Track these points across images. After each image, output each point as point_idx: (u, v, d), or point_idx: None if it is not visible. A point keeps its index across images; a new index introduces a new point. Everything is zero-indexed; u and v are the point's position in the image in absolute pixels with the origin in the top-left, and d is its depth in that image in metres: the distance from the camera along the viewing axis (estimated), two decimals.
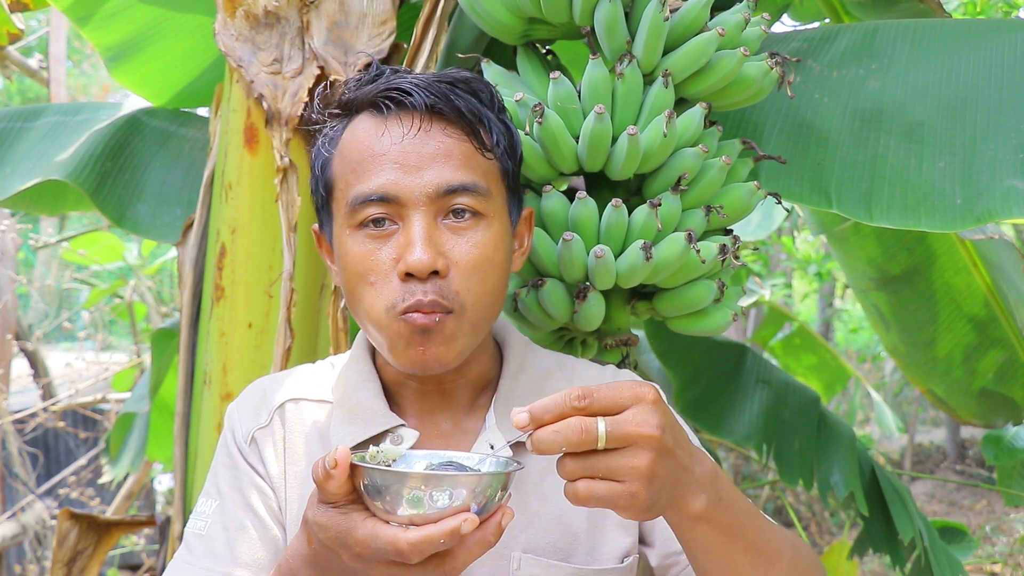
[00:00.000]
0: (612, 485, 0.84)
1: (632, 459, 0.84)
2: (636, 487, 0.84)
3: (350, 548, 0.88)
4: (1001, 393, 2.52)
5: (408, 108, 1.06)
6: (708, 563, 0.96)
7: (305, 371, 1.25)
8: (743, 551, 0.96)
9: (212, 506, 1.14)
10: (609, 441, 0.84)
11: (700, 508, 0.90)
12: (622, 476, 0.84)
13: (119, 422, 3.34)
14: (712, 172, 1.42)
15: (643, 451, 0.84)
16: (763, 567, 0.97)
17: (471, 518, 0.84)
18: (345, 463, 0.86)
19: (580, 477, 0.85)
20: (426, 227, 1.04)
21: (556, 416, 0.84)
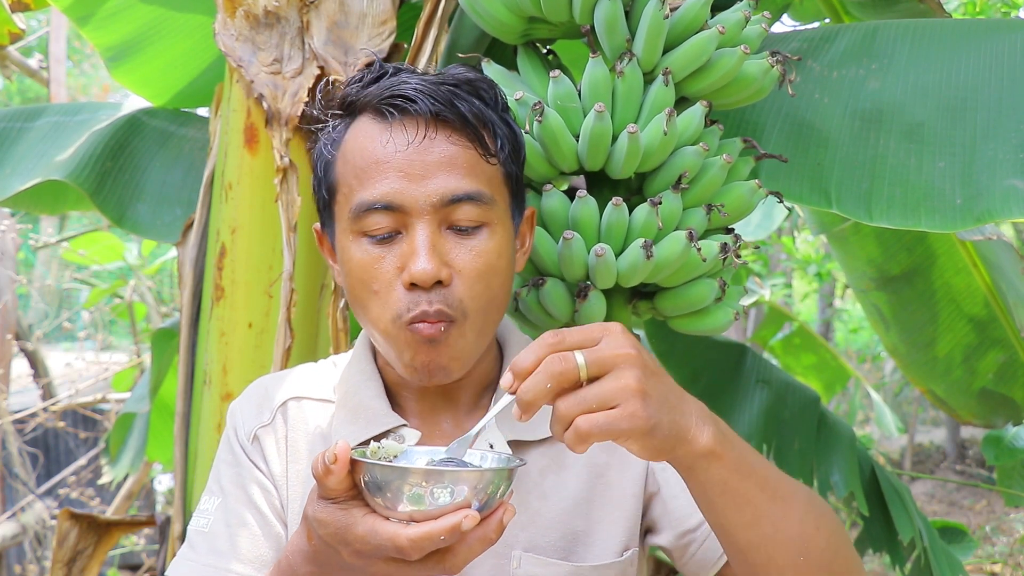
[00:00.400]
0: (609, 412, 0.84)
1: (619, 379, 0.84)
2: (632, 406, 0.84)
3: (350, 544, 0.88)
4: (1001, 393, 2.52)
5: (412, 115, 1.05)
6: (727, 505, 0.94)
7: (307, 370, 1.25)
8: (759, 488, 0.94)
9: (215, 503, 1.14)
10: (590, 369, 0.84)
11: (708, 441, 0.89)
12: (615, 398, 0.84)
13: (119, 422, 3.34)
14: (713, 170, 1.42)
15: (626, 369, 0.84)
16: (780, 506, 0.96)
17: (472, 515, 0.83)
18: (345, 458, 0.86)
19: (576, 415, 0.84)
20: (430, 236, 1.04)
21: (535, 364, 0.84)
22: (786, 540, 0.95)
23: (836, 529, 1.01)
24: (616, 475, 1.15)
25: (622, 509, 1.14)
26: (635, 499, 1.14)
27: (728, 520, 0.95)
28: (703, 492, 0.94)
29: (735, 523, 0.95)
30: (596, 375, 0.85)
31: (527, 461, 1.12)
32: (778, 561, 0.96)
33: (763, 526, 0.95)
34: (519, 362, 0.85)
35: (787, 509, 0.96)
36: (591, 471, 1.14)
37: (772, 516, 0.95)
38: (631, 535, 1.14)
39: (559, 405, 0.84)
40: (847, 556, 1.01)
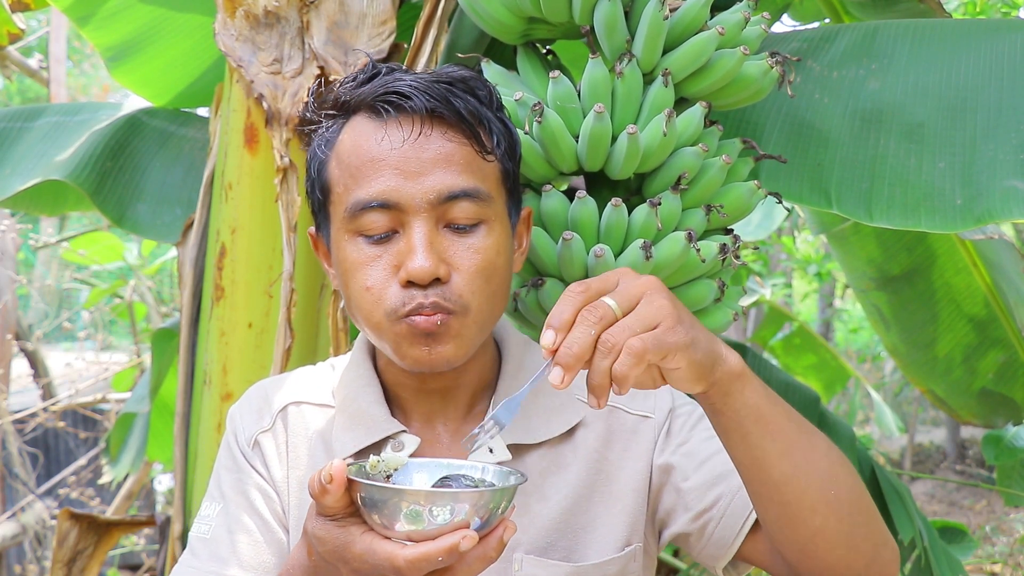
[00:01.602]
0: (655, 331, 0.85)
1: (651, 303, 0.87)
2: (670, 321, 0.86)
3: (348, 563, 0.87)
4: (1001, 393, 2.52)
5: (407, 112, 1.04)
6: (761, 434, 0.94)
7: (306, 373, 1.24)
8: (787, 417, 0.96)
9: (216, 509, 1.14)
10: (622, 305, 0.86)
11: (738, 361, 0.92)
12: (655, 319, 0.86)
13: (119, 422, 3.34)
14: (712, 171, 1.42)
15: (654, 295, 0.88)
16: (807, 437, 0.97)
17: (470, 535, 0.82)
18: (341, 477, 0.86)
19: (624, 341, 0.84)
20: (427, 234, 1.03)
21: (574, 314, 0.86)
22: (816, 472, 0.96)
23: (855, 471, 1.01)
24: (615, 470, 1.14)
25: (622, 503, 1.13)
26: (636, 493, 1.13)
27: (763, 451, 0.95)
28: (739, 422, 0.94)
29: (770, 453, 0.95)
30: (629, 311, 0.86)
31: (528, 465, 1.12)
32: (811, 494, 0.96)
33: (795, 456, 0.95)
34: (557, 316, 0.86)
35: (812, 442, 0.97)
36: (590, 467, 1.14)
37: (801, 446, 0.96)
38: (633, 530, 1.13)
39: (605, 337, 0.85)
40: (868, 499, 1.01)
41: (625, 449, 1.15)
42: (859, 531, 0.98)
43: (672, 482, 1.13)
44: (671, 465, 1.13)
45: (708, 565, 1.13)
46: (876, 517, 1.01)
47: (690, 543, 1.13)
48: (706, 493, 1.10)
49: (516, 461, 1.11)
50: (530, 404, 1.13)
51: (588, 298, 0.87)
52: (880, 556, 1.01)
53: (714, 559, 1.11)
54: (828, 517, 0.96)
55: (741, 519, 1.08)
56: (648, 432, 1.16)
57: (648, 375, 0.89)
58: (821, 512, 0.96)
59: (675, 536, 1.14)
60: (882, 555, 1.01)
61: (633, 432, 1.16)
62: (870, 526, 1.00)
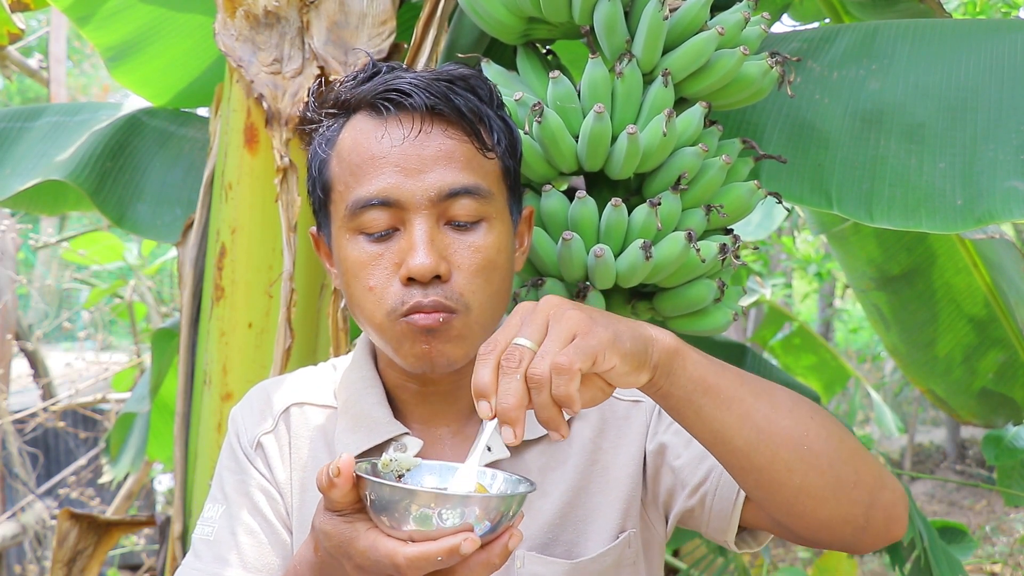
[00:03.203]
0: (575, 344, 0.83)
1: (560, 319, 0.85)
2: (585, 326, 0.84)
3: (351, 558, 0.87)
4: (1001, 393, 2.52)
5: (408, 109, 1.04)
6: (713, 405, 0.92)
7: (308, 374, 1.24)
8: (738, 382, 0.93)
9: (219, 511, 1.13)
10: (533, 337, 0.84)
11: (670, 339, 0.90)
12: (570, 332, 0.84)
13: (119, 422, 3.33)
14: (712, 171, 1.42)
15: (560, 310, 0.85)
16: (766, 399, 0.94)
17: (472, 538, 0.82)
18: (348, 472, 0.85)
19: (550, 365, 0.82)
20: (428, 231, 1.03)
21: (493, 373, 0.83)
22: (782, 431, 0.93)
23: (831, 419, 0.98)
24: (610, 457, 1.14)
25: (617, 490, 1.13)
26: (631, 479, 1.13)
27: (720, 422, 0.92)
28: (688, 398, 0.92)
29: (727, 424, 0.92)
30: (542, 338, 0.84)
31: (528, 461, 1.12)
32: (782, 456, 0.93)
33: (755, 419, 0.93)
34: (479, 382, 0.83)
35: (773, 401, 0.94)
36: (586, 458, 1.14)
37: (760, 408, 0.93)
38: (627, 516, 1.13)
39: (531, 372, 0.82)
40: (852, 444, 0.97)
41: (619, 436, 1.15)
42: (846, 480, 0.95)
43: (667, 462, 1.13)
44: (664, 445, 1.13)
45: (720, 541, 1.11)
46: (864, 460, 0.97)
47: (696, 520, 1.12)
48: (698, 467, 1.10)
49: (515, 458, 1.11)
50: None
51: (499, 351, 0.84)
52: (879, 499, 0.97)
53: (722, 532, 1.10)
54: (807, 474, 0.94)
55: (734, 489, 1.07)
56: (640, 416, 1.16)
57: (591, 387, 0.87)
58: (798, 470, 0.94)
59: (680, 516, 1.13)
60: (881, 497, 0.97)
61: (625, 418, 1.16)
62: (859, 472, 0.96)
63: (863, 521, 0.98)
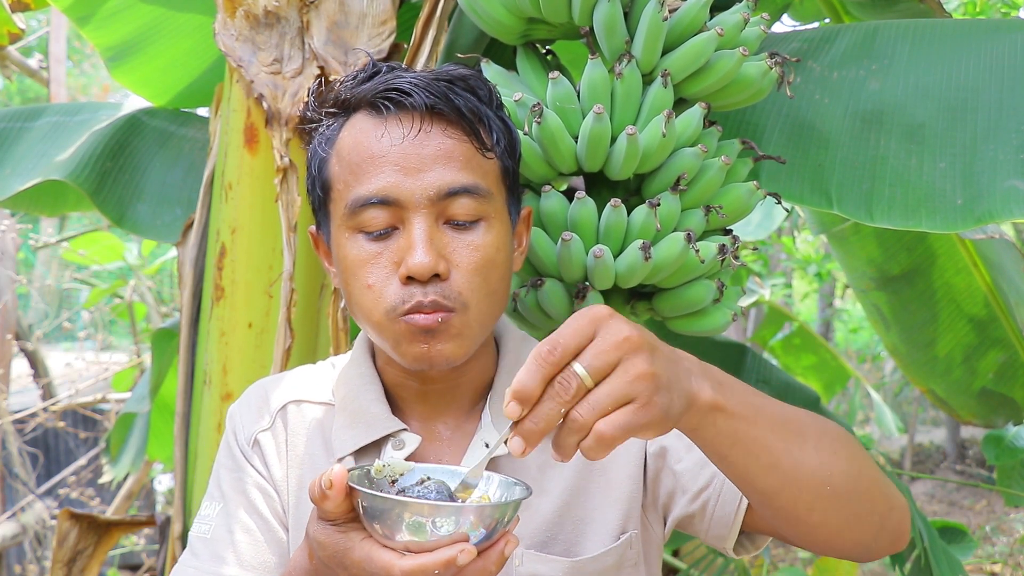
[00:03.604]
0: (627, 408, 0.79)
1: (628, 372, 0.79)
2: (647, 395, 0.79)
3: (347, 568, 0.86)
4: (1001, 393, 2.52)
5: (407, 109, 1.05)
6: (740, 455, 0.90)
7: (306, 372, 1.24)
8: (768, 430, 0.91)
9: (216, 509, 1.14)
10: (594, 372, 0.79)
11: (709, 395, 0.86)
12: (629, 393, 0.79)
13: (119, 422, 3.34)
14: (711, 172, 1.42)
15: (632, 358, 0.79)
16: (795, 442, 0.92)
17: (468, 549, 0.81)
18: (341, 483, 0.85)
19: (593, 423, 0.78)
20: (427, 230, 1.03)
21: (541, 384, 0.79)
22: (807, 475, 0.92)
23: (853, 447, 0.98)
24: (610, 458, 1.12)
25: (618, 491, 1.13)
26: (631, 480, 1.13)
27: (745, 470, 0.92)
28: (714, 448, 0.91)
29: (753, 472, 0.91)
30: (601, 378, 0.79)
31: (526, 457, 1.12)
32: (804, 498, 0.93)
33: (782, 466, 0.91)
34: (523, 387, 0.79)
35: (802, 443, 0.93)
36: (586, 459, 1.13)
37: (789, 455, 0.92)
38: (628, 517, 1.12)
39: (574, 415, 0.78)
40: (871, 471, 0.98)
41: None
42: (862, 512, 0.96)
43: (668, 465, 1.12)
44: (665, 447, 1.13)
45: (719, 547, 1.11)
46: (880, 487, 0.98)
47: (696, 526, 1.12)
48: (700, 473, 1.10)
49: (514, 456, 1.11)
50: None
51: (556, 364, 0.79)
52: (888, 521, 0.99)
53: (721, 539, 1.10)
54: (826, 512, 0.95)
55: (736, 497, 1.07)
56: None
57: None
58: (818, 509, 0.94)
59: (679, 520, 1.13)
60: (890, 519, 0.99)
61: None
62: (874, 502, 0.97)
63: (872, 542, 0.99)
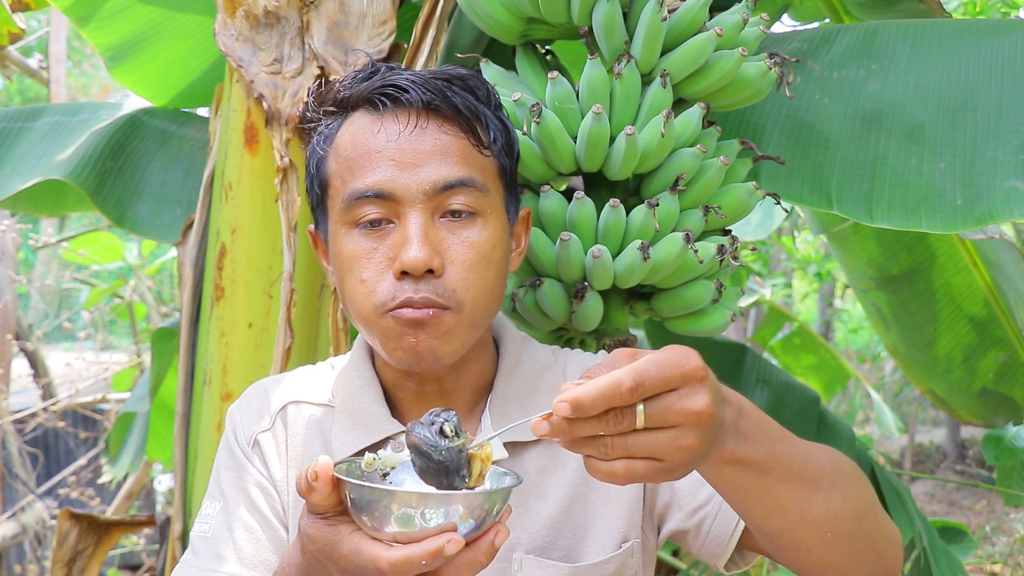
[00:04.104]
0: (653, 464, 0.77)
1: (677, 440, 0.77)
2: (678, 464, 0.78)
3: (336, 562, 0.86)
4: (1001, 393, 2.52)
5: (404, 105, 1.05)
6: (745, 500, 0.91)
7: (305, 373, 1.24)
8: (779, 482, 0.89)
9: (216, 508, 1.14)
10: (649, 422, 0.76)
11: (727, 451, 0.84)
12: (665, 456, 0.77)
13: (119, 422, 3.34)
14: (710, 172, 1.42)
15: (689, 430, 0.77)
16: (804, 492, 0.91)
17: (456, 539, 0.80)
18: (327, 475, 0.84)
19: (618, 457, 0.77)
20: (422, 224, 1.03)
21: (602, 409, 0.75)
22: (812, 522, 0.92)
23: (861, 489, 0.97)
24: None
25: (619, 499, 1.12)
26: (633, 489, 1.13)
27: (750, 512, 0.92)
28: (720, 489, 0.91)
29: (757, 514, 0.92)
30: (652, 427, 0.77)
31: (525, 463, 1.12)
32: (806, 542, 0.94)
33: (788, 513, 0.91)
34: (586, 404, 0.74)
35: (812, 493, 0.92)
36: None
37: (797, 505, 0.91)
38: (629, 526, 1.12)
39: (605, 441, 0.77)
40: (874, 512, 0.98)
41: None
42: (860, 551, 0.97)
43: None
44: None
45: (710, 563, 1.12)
46: (881, 527, 0.99)
47: (688, 541, 1.12)
48: (698, 490, 1.10)
49: (514, 459, 1.11)
50: (527, 401, 1.13)
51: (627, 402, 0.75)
52: (883, 559, 1.00)
53: (714, 557, 1.10)
54: (825, 553, 0.95)
55: (734, 520, 1.08)
56: None
57: None
58: (817, 552, 0.95)
59: (673, 533, 1.13)
60: (886, 557, 1.00)
61: None
62: (873, 541, 0.98)
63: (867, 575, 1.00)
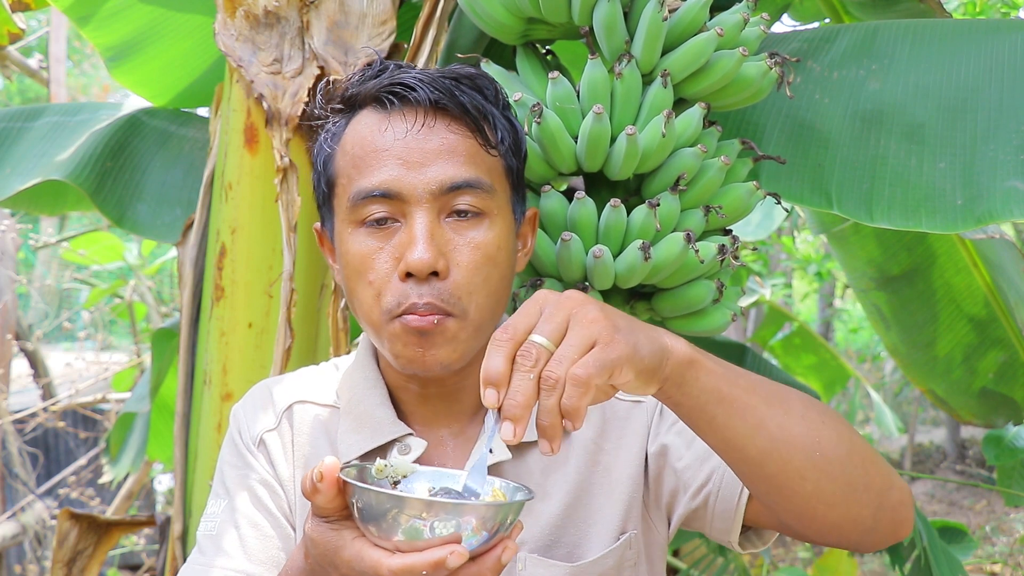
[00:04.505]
0: (592, 350, 0.81)
1: (582, 323, 0.82)
2: (607, 335, 0.82)
3: (337, 567, 0.85)
4: (1001, 393, 2.52)
5: (412, 103, 1.05)
6: (726, 414, 0.91)
7: (310, 373, 1.23)
8: (751, 391, 0.92)
9: (221, 506, 1.12)
10: (552, 336, 0.82)
11: (686, 349, 0.89)
12: (590, 338, 0.82)
13: (119, 422, 3.34)
14: (711, 172, 1.42)
15: (582, 311, 0.83)
16: (779, 406, 0.94)
17: (459, 551, 0.78)
18: (332, 476, 0.83)
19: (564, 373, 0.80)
20: (428, 225, 1.02)
21: (506, 363, 0.81)
22: (795, 438, 0.93)
23: (840, 422, 0.98)
24: (611, 458, 1.14)
25: (619, 492, 1.12)
26: (632, 480, 1.13)
27: (733, 431, 0.92)
28: (700, 408, 0.92)
29: (740, 433, 0.92)
30: (560, 339, 0.82)
31: (529, 462, 1.11)
32: (795, 463, 0.93)
33: (768, 428, 0.92)
34: (491, 370, 0.81)
35: (786, 407, 0.94)
36: (587, 459, 1.13)
37: (774, 417, 0.93)
38: (627, 517, 1.12)
39: (546, 374, 0.80)
40: (862, 448, 0.98)
41: (620, 437, 1.15)
42: (857, 483, 0.96)
43: (669, 463, 1.12)
44: (666, 446, 1.12)
45: (724, 542, 1.11)
46: (875, 463, 0.98)
47: (699, 521, 1.12)
48: (700, 469, 1.10)
49: (517, 460, 1.11)
50: None
51: (516, 341, 0.82)
52: (887, 500, 0.98)
53: (726, 533, 1.10)
54: (819, 480, 0.94)
55: (737, 489, 1.07)
56: (641, 417, 1.15)
57: (598, 393, 0.85)
58: (811, 477, 0.94)
59: (684, 518, 1.13)
60: (889, 498, 0.98)
61: (626, 419, 1.15)
62: (869, 475, 0.97)
63: (871, 523, 0.98)
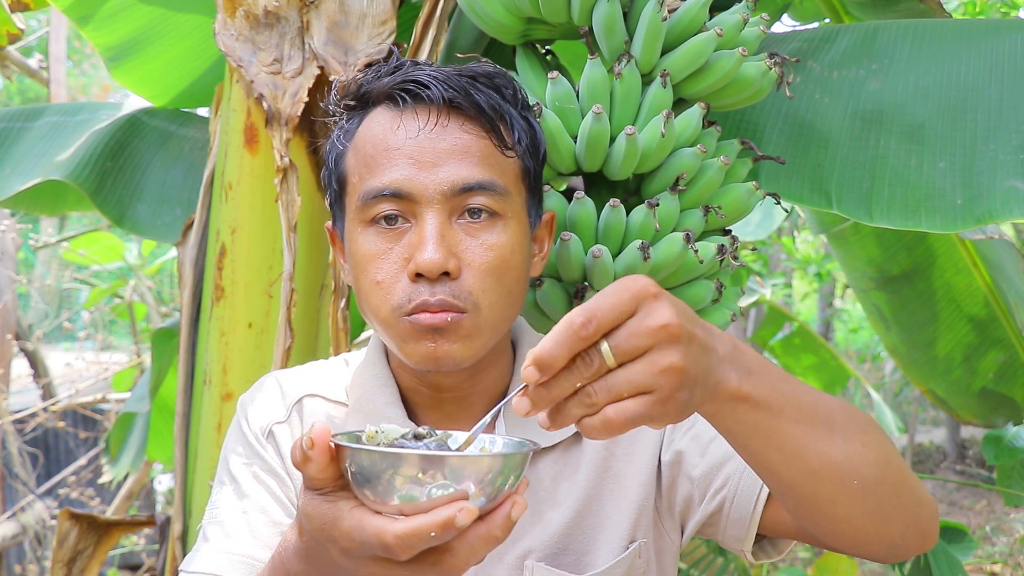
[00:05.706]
0: (642, 398, 0.74)
1: (655, 363, 0.73)
2: (668, 389, 0.74)
3: (336, 541, 0.78)
4: (1001, 393, 2.52)
5: (425, 102, 1.02)
6: (762, 445, 0.85)
7: (319, 367, 1.21)
8: (794, 421, 0.85)
9: (226, 493, 1.10)
10: (619, 356, 0.73)
11: (733, 386, 0.80)
12: (650, 384, 0.73)
13: (119, 422, 3.34)
14: (710, 172, 1.42)
15: (666, 349, 0.74)
16: (822, 434, 0.87)
17: (468, 508, 0.72)
18: (323, 442, 0.76)
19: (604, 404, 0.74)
20: (439, 226, 1.00)
21: (567, 358, 0.73)
22: (833, 467, 0.88)
23: (882, 439, 0.93)
24: (623, 465, 1.11)
25: (628, 499, 1.10)
26: (643, 488, 1.10)
27: (767, 460, 0.87)
28: (734, 436, 0.86)
29: (775, 462, 0.87)
30: (627, 361, 0.74)
31: (539, 471, 1.10)
32: (827, 489, 0.89)
33: (807, 457, 0.86)
34: (548, 357, 0.73)
35: (830, 435, 0.88)
36: (599, 466, 1.11)
37: (814, 447, 0.87)
38: (637, 526, 1.10)
39: (588, 389, 0.74)
40: (899, 465, 0.93)
41: (632, 444, 1.12)
42: (888, 505, 0.92)
43: (684, 471, 1.09)
44: (681, 452, 1.09)
45: (737, 550, 1.08)
46: (907, 483, 0.94)
47: (714, 528, 1.09)
48: (715, 475, 1.06)
49: (527, 469, 1.10)
50: None
51: (587, 339, 0.73)
52: (916, 518, 0.95)
53: (739, 541, 1.06)
54: (851, 505, 0.90)
55: (753, 496, 1.04)
56: None
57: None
58: (843, 502, 0.90)
59: (699, 525, 1.10)
60: (918, 515, 0.95)
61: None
62: (901, 496, 0.93)
63: (899, 540, 0.96)
